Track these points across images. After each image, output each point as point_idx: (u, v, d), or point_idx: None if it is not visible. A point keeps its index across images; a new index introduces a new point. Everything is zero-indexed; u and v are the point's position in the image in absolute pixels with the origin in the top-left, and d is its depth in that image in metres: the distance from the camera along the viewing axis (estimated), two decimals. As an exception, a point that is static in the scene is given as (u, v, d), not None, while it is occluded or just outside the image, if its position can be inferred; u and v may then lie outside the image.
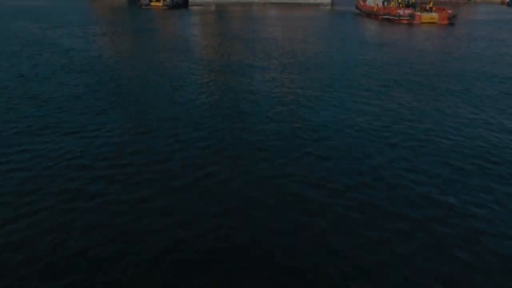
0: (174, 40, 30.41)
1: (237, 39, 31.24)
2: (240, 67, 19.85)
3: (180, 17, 54.99)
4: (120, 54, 21.81)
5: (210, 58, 22.46)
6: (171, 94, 14.32)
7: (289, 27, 41.87)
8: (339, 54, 24.31)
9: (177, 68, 18.92)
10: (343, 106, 13.39)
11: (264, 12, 69.62)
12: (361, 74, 18.57)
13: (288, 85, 15.85)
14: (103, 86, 14.72)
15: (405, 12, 46.32)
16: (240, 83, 16.42)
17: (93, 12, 59.03)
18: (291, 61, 21.58)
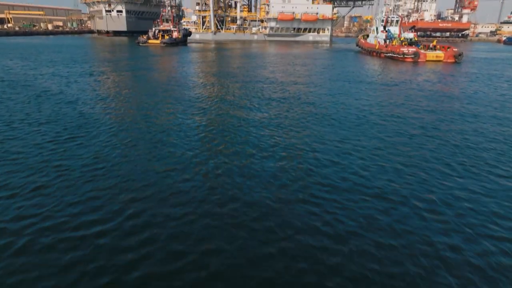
0: (165, 80, 28.13)
1: (235, 79, 28.99)
2: (236, 112, 17.26)
3: (178, 54, 53.69)
4: (100, 99, 19.27)
5: (204, 102, 19.88)
6: (151, 152, 11.52)
7: (290, 65, 40.03)
8: (344, 96, 21.82)
9: (163, 115, 16.27)
10: (346, 159, 10.60)
11: (264, 49, 68.87)
12: (370, 120, 15.88)
13: (289, 133, 13.11)
14: (66, 148, 11.80)
15: (410, 50, 44.78)
16: (236, 133, 13.71)
17: (90, 49, 57.88)
18: (293, 105, 19.00)
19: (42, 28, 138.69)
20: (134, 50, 59.41)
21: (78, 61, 38.20)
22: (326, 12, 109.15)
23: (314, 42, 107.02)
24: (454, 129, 14.74)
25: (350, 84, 26.77)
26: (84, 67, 33.21)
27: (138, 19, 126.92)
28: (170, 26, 70.97)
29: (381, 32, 54.39)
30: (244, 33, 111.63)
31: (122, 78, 27.51)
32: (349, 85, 26.27)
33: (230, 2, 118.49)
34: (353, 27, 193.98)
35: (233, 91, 23.18)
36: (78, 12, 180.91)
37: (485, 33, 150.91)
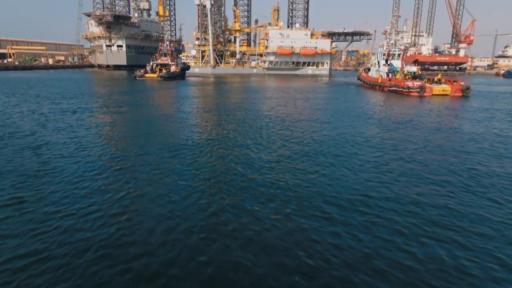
0: (156, 117, 25.84)
1: (234, 116, 26.72)
2: (236, 154, 14.73)
3: (175, 88, 52.02)
4: (75, 143, 16.76)
5: (200, 144, 17.37)
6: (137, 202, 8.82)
7: (291, 100, 38.00)
8: (353, 136, 19.38)
9: (148, 163, 13.71)
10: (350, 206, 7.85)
11: (263, 83, 67.63)
12: (384, 164, 13.31)
13: (291, 179, 10.54)
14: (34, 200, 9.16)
15: (415, 84, 43.04)
16: (232, 175, 11.11)
17: (84, 84, 56.34)
18: (296, 147, 16.50)
19: (42, 62, 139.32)
20: (130, 84, 57.90)
21: (67, 97, 36.12)
22: (325, 46, 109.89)
23: (313, 75, 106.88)
24: (483, 175, 12.02)
25: (358, 121, 24.36)
26: (71, 103, 31.00)
27: (138, 54, 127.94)
28: (168, 60, 70.15)
29: (383, 65, 53.14)
30: (243, 67, 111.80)
31: (108, 115, 25.13)
32: (356, 122, 23.85)
33: (230, 37, 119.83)
34: (351, 61, 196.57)
35: (231, 130, 20.73)
36: (81, 47, 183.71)
37: (482, 66, 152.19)
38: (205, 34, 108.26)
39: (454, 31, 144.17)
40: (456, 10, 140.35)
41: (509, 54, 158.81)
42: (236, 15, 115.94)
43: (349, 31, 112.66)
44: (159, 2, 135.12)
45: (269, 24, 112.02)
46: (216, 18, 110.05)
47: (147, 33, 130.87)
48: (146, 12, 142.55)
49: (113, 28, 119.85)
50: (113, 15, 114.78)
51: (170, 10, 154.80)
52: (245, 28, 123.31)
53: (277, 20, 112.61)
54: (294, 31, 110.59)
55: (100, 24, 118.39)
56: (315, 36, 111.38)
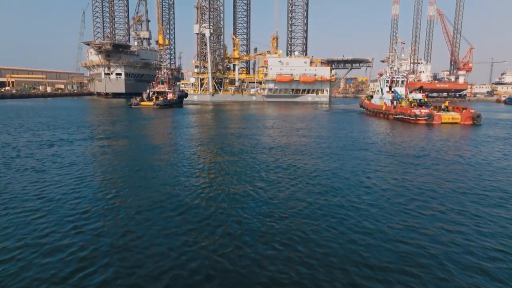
0: (145, 150, 23.27)
1: (232, 148, 24.21)
2: (235, 192, 12.12)
3: (171, 117, 49.88)
4: (39, 186, 14.14)
5: (193, 184, 14.71)
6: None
7: (293, 130, 35.63)
8: (363, 174, 16.80)
9: (137, 199, 11.04)
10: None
11: (263, 111, 65.71)
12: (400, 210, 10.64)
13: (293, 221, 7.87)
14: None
15: (422, 112, 40.86)
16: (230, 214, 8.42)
17: (76, 112, 54.21)
18: (301, 186, 13.87)
19: (40, 91, 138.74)
20: (124, 112, 55.83)
21: (52, 127, 33.71)
22: (324, 74, 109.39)
23: (313, 102, 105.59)
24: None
25: (368, 154, 21.76)
26: (53, 134, 28.51)
27: (137, 81, 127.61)
28: (165, 88, 68.61)
29: (387, 92, 51.27)
30: (242, 94, 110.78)
31: (89, 150, 22.52)
32: (367, 156, 21.24)
33: (229, 65, 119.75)
34: (350, 88, 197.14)
35: (229, 165, 18.08)
36: (81, 76, 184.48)
37: (482, 93, 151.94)
38: (204, 62, 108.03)
39: (452, 58, 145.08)
40: (453, 38, 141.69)
41: (506, 81, 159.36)
42: (235, 44, 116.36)
43: (348, 59, 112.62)
44: (159, 31, 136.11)
45: (268, 52, 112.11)
46: (215, 46, 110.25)
47: (146, 61, 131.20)
48: (146, 41, 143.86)
49: (112, 56, 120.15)
50: (112, 44, 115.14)
51: (170, 39, 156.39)
52: (244, 56, 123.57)
53: (276, 48, 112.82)
54: (293, 58, 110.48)
55: (100, 52, 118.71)
56: (314, 64, 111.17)
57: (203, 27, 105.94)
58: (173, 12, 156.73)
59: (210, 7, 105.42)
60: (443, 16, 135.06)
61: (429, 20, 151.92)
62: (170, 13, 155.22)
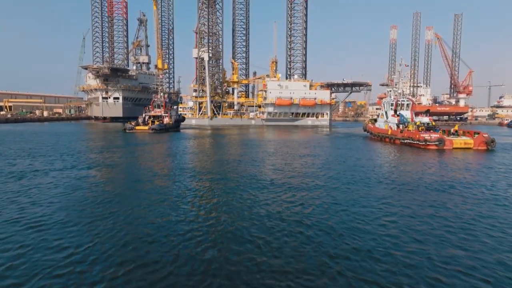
0: (134, 181, 20.55)
1: (229, 180, 21.52)
2: (229, 226, 9.37)
3: (166, 142, 47.37)
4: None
5: (185, 222, 11.90)
6: None
7: (295, 157, 33.01)
8: (378, 210, 14.02)
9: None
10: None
11: (263, 135, 63.32)
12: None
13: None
14: None
15: (433, 136, 38.39)
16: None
17: (66, 137, 51.67)
18: (310, 232, 11.13)
19: (36, 115, 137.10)
20: (117, 137, 53.34)
21: (33, 154, 31.01)
22: (324, 97, 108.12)
23: (313, 126, 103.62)
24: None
25: (381, 188, 19.03)
26: (30, 163, 25.78)
27: (135, 105, 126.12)
28: (161, 112, 66.52)
29: (392, 116, 49.06)
30: (241, 118, 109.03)
31: (67, 181, 19.76)
32: (380, 190, 18.52)
33: (228, 89, 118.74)
34: (349, 112, 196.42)
35: (225, 204, 15.32)
36: (79, 100, 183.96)
37: (483, 116, 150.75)
38: (203, 86, 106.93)
39: (452, 81, 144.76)
40: (452, 62, 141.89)
41: (504, 104, 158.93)
42: (234, 67, 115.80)
43: (348, 82, 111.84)
44: (158, 56, 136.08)
45: (267, 76, 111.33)
46: (214, 70, 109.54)
47: (145, 85, 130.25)
48: (145, 65, 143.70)
49: (110, 80, 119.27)
50: (110, 68, 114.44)
51: (169, 63, 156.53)
52: (243, 80, 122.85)
53: (275, 71, 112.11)
54: (292, 82, 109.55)
55: (98, 76, 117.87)
56: (314, 87, 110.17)
57: (202, 51, 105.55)
58: (173, 37, 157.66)
59: (209, 32, 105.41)
60: (441, 40, 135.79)
61: (427, 44, 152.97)
62: (169, 38, 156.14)
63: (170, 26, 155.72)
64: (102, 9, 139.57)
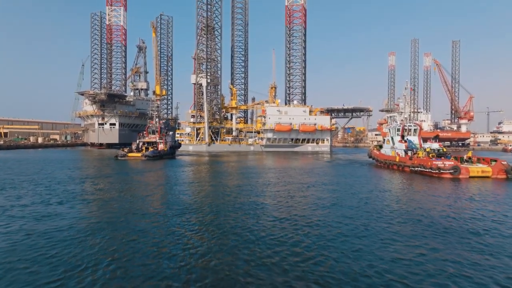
0: (120, 217, 17.35)
1: (227, 217, 18.43)
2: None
3: (159, 170, 44.27)
4: None
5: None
6: None
7: (300, 188, 29.90)
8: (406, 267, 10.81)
9: None
10: None
11: (262, 162, 60.24)
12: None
13: None
14: None
15: (446, 164, 35.37)
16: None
17: (55, 165, 48.52)
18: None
19: (31, 141, 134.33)
20: (107, 165, 50.20)
21: (8, 185, 27.80)
22: (325, 123, 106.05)
23: (313, 152, 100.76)
24: None
25: (404, 228, 15.88)
26: (3, 194, 22.55)
27: (131, 131, 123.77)
28: (156, 138, 63.73)
29: (399, 142, 46.29)
30: (240, 144, 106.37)
31: (27, 219, 16.53)
32: (402, 229, 15.37)
33: (226, 114, 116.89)
34: (349, 138, 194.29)
35: (220, 247, 12.10)
36: (77, 126, 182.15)
37: (485, 142, 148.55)
38: (201, 112, 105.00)
39: (452, 107, 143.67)
40: (452, 87, 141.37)
41: (504, 130, 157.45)
42: (232, 93, 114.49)
43: (348, 108, 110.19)
44: (156, 82, 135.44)
45: (266, 102, 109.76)
46: (212, 96, 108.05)
47: (142, 111, 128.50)
48: (144, 91, 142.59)
49: (107, 106, 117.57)
50: (107, 94, 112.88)
51: (167, 89, 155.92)
52: (242, 105, 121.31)
53: (274, 97, 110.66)
54: (292, 107, 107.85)
55: (94, 102, 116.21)
56: (314, 113, 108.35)
57: (200, 77, 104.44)
58: (171, 63, 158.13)
59: (207, 58, 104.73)
60: (440, 66, 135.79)
61: (425, 71, 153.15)
62: (168, 64, 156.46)
63: (169, 53, 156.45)
64: (102, 36, 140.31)
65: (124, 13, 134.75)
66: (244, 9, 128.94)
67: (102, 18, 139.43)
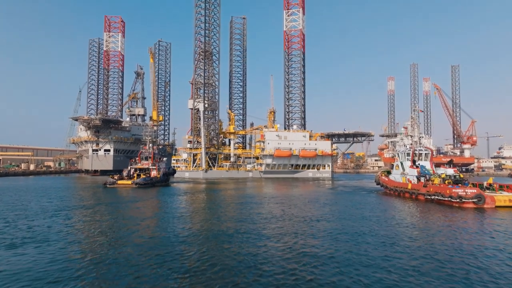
0: (91, 261, 13.55)
1: (223, 264, 14.55)
2: None
3: (151, 199, 40.47)
4: None
5: None
6: None
7: (306, 222, 26.13)
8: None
9: None
10: None
11: (261, 190, 56.34)
12: None
13: None
14: None
15: (469, 192, 31.65)
16: None
17: (34, 193, 44.55)
18: None
19: (22, 168, 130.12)
20: (94, 194, 46.25)
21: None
22: (325, 148, 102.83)
23: (314, 179, 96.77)
24: None
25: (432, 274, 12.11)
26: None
27: (127, 158, 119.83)
28: (149, 164, 60.03)
29: (410, 167, 42.74)
30: (238, 170, 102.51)
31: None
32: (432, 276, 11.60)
33: (224, 140, 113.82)
34: (350, 163, 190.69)
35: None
36: (72, 153, 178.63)
37: (490, 167, 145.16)
38: (198, 137, 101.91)
39: (454, 131, 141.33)
40: (453, 111, 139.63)
41: (505, 155, 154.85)
42: (230, 118, 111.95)
43: (350, 132, 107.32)
44: (153, 108, 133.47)
45: (265, 127, 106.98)
46: (210, 121, 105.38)
47: (138, 137, 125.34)
48: (141, 117, 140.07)
49: (102, 132, 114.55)
50: (102, 119, 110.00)
51: (165, 115, 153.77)
52: (240, 131, 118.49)
53: (273, 122, 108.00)
54: (291, 132, 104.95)
55: (89, 128, 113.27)
56: (314, 138, 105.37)
57: (197, 101, 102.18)
58: (169, 89, 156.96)
59: (205, 82, 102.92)
60: (440, 91, 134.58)
61: (425, 95, 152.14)
62: (166, 90, 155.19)
63: (167, 79, 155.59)
64: (99, 62, 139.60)
65: (122, 39, 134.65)
66: (242, 34, 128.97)
67: (100, 44, 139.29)
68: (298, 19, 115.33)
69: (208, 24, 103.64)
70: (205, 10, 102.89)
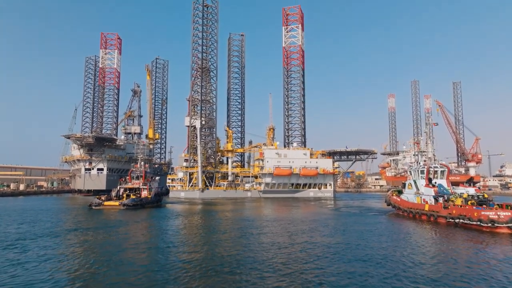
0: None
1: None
2: None
3: (139, 223, 36.19)
4: None
5: None
6: None
7: (310, 249, 22.06)
8: None
9: None
10: None
11: (260, 211, 51.95)
12: None
13: None
14: None
15: (501, 215, 27.52)
16: None
17: (15, 217, 40.08)
18: None
19: (11, 189, 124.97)
20: (77, 216, 41.80)
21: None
22: (327, 166, 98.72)
23: (316, 198, 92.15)
24: None
25: None
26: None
27: (120, 177, 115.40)
28: (139, 184, 55.70)
29: (426, 186, 38.67)
30: (236, 190, 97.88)
31: None
32: None
33: (221, 158, 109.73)
34: (351, 182, 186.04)
35: None
36: (66, 172, 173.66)
37: (495, 186, 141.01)
38: (195, 156, 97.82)
39: (458, 149, 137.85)
40: (456, 128, 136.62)
41: (506, 173, 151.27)
42: (228, 135, 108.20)
43: (352, 150, 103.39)
44: (149, 125, 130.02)
45: (264, 144, 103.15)
46: (207, 138, 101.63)
47: (132, 155, 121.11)
48: (137, 135, 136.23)
49: (95, 150, 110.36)
50: (95, 137, 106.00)
51: (161, 133, 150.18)
52: (238, 148, 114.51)
53: (272, 139, 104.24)
54: (291, 150, 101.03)
55: (82, 146, 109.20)
56: (315, 156, 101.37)
57: (194, 119, 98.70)
58: (166, 107, 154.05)
59: (202, 99, 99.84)
60: (443, 107, 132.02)
61: (426, 113, 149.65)
62: (163, 107, 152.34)
63: (164, 96, 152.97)
64: (95, 79, 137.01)
65: (118, 56, 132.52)
66: (241, 51, 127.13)
67: (97, 61, 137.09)
68: (297, 35, 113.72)
69: (205, 41, 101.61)
70: (203, 26, 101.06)
